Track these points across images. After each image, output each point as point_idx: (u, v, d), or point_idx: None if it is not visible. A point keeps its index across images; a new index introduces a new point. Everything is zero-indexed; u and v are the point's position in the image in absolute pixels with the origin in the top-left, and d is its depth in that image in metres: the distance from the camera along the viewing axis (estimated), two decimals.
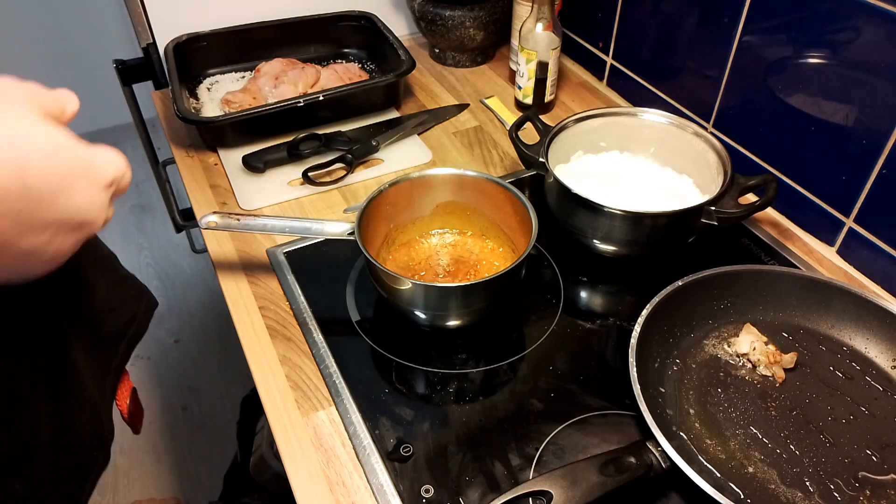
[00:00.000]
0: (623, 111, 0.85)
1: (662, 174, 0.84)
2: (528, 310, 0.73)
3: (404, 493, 0.56)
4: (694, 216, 0.71)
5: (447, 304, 0.66)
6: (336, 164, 0.91)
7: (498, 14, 1.11)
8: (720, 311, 0.69)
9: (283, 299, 0.74)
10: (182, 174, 0.93)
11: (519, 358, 0.68)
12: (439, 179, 0.75)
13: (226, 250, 0.80)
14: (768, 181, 0.73)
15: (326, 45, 1.15)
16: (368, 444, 0.59)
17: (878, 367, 0.65)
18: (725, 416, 0.62)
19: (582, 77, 1.16)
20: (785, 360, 0.65)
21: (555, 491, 0.50)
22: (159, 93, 1.10)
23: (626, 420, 0.62)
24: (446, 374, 0.66)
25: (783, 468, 0.57)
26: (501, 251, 0.76)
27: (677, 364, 0.66)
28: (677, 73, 0.96)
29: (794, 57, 0.77)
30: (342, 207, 0.87)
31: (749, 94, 0.84)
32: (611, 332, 0.71)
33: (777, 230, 0.84)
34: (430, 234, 0.79)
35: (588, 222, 0.74)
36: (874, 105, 0.70)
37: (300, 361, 0.67)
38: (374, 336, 0.70)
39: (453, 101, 1.09)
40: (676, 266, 0.71)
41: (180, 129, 1.00)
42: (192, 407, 1.66)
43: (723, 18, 0.84)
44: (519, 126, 0.83)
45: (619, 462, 0.53)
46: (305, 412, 0.63)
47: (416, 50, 1.23)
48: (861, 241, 0.76)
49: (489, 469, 0.58)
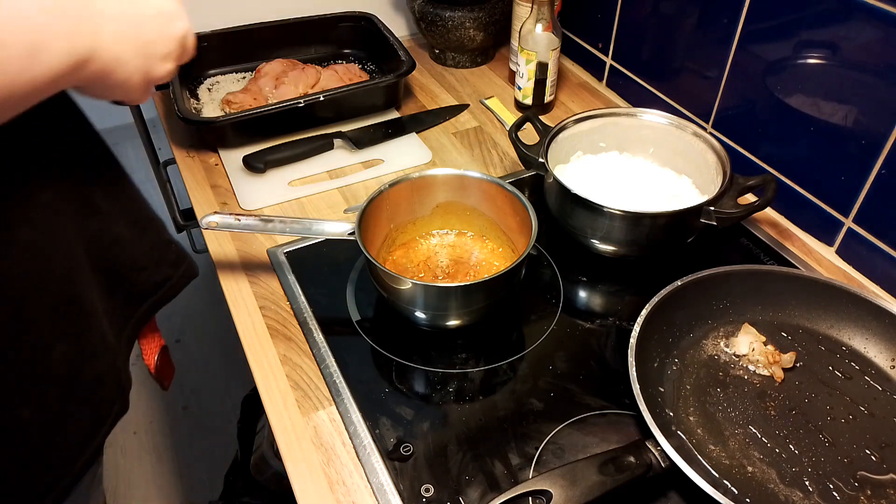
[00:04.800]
0: (622, 111, 0.85)
1: (662, 174, 0.84)
2: (528, 310, 0.73)
3: (404, 493, 0.56)
4: (693, 216, 0.72)
5: (447, 304, 0.66)
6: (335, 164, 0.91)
7: (498, 15, 1.11)
8: (719, 310, 0.70)
9: (284, 299, 0.74)
10: (183, 174, 0.93)
11: (519, 358, 0.68)
12: (439, 180, 0.75)
13: (226, 250, 0.80)
14: (767, 181, 0.73)
15: (327, 45, 1.15)
16: (369, 443, 0.60)
17: (877, 367, 0.65)
18: (725, 415, 0.62)
19: (581, 77, 1.16)
20: (784, 359, 0.65)
21: (554, 490, 0.51)
22: (160, 93, 1.10)
23: (625, 420, 0.62)
24: (446, 373, 0.66)
25: (782, 468, 0.57)
26: (501, 251, 0.77)
27: (676, 364, 0.66)
28: (677, 74, 0.96)
29: (794, 57, 0.77)
30: (342, 207, 0.87)
31: (748, 94, 0.85)
32: (610, 332, 0.71)
33: (776, 230, 0.84)
34: (430, 234, 0.79)
35: (587, 222, 0.74)
36: (873, 105, 0.70)
37: (301, 361, 0.67)
38: (375, 336, 0.70)
39: (453, 102, 1.09)
40: (676, 266, 0.71)
41: (181, 130, 1.00)
42: (193, 406, 1.66)
43: (722, 19, 0.85)
44: (519, 126, 0.83)
45: (619, 461, 0.53)
46: (306, 412, 0.63)
47: (416, 50, 1.23)
48: (860, 242, 0.76)
49: (489, 468, 0.58)
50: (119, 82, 0.47)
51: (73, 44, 0.41)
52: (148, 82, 0.51)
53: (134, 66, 0.48)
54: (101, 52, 0.44)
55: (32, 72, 0.39)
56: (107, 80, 0.46)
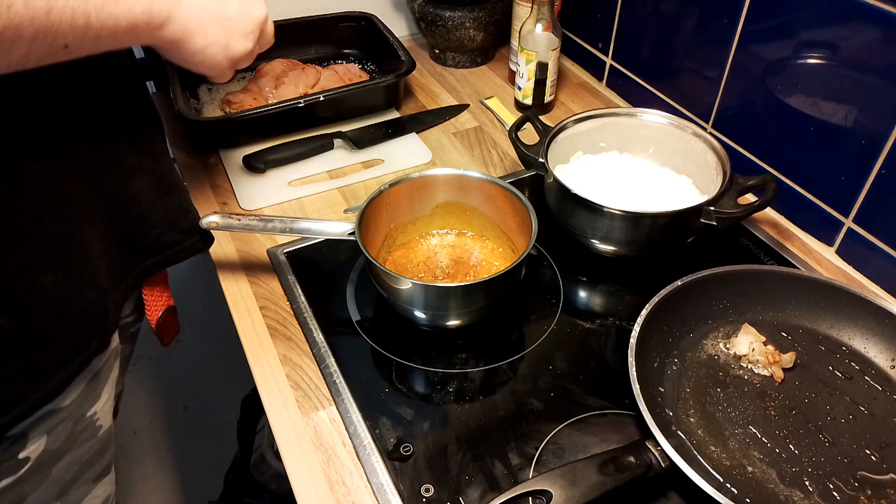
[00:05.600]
0: (622, 111, 0.85)
1: (662, 174, 0.84)
2: (528, 310, 0.73)
3: (404, 493, 0.56)
4: (693, 216, 0.72)
5: (447, 304, 0.66)
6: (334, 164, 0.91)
7: (498, 15, 1.11)
8: (719, 310, 0.70)
9: (284, 299, 0.74)
10: (183, 174, 0.93)
11: (519, 358, 0.68)
12: (439, 180, 0.75)
13: (226, 250, 0.80)
14: (767, 181, 0.73)
15: (327, 45, 1.15)
16: (369, 443, 0.60)
17: (877, 367, 0.65)
18: (724, 415, 0.62)
19: (581, 77, 1.16)
20: (784, 359, 0.65)
21: (554, 490, 0.51)
22: (160, 93, 1.10)
23: (625, 419, 0.62)
24: (446, 373, 0.66)
25: (782, 467, 0.57)
26: (501, 251, 0.77)
27: (676, 364, 0.66)
28: (677, 74, 0.96)
29: (794, 57, 0.77)
30: (342, 207, 0.87)
31: (748, 94, 0.85)
32: (610, 332, 0.71)
33: (776, 230, 0.84)
34: (429, 234, 0.79)
35: (587, 222, 0.74)
36: (873, 105, 0.70)
37: (301, 361, 0.67)
38: (375, 336, 0.70)
39: (453, 102, 1.09)
40: (676, 266, 0.71)
41: (181, 130, 1.00)
42: (193, 406, 1.66)
43: (722, 19, 0.85)
44: (519, 126, 0.83)
45: (619, 461, 0.53)
46: (306, 412, 0.63)
47: (416, 50, 1.23)
48: (860, 241, 0.76)
49: (489, 468, 0.58)
50: (197, 50, 0.54)
51: (151, 1, 0.47)
52: (229, 59, 0.57)
53: (213, 37, 0.54)
54: (179, 17, 0.50)
55: (112, 9, 0.44)
56: (185, 46, 0.52)
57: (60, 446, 0.57)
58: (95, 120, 0.56)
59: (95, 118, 0.56)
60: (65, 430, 0.57)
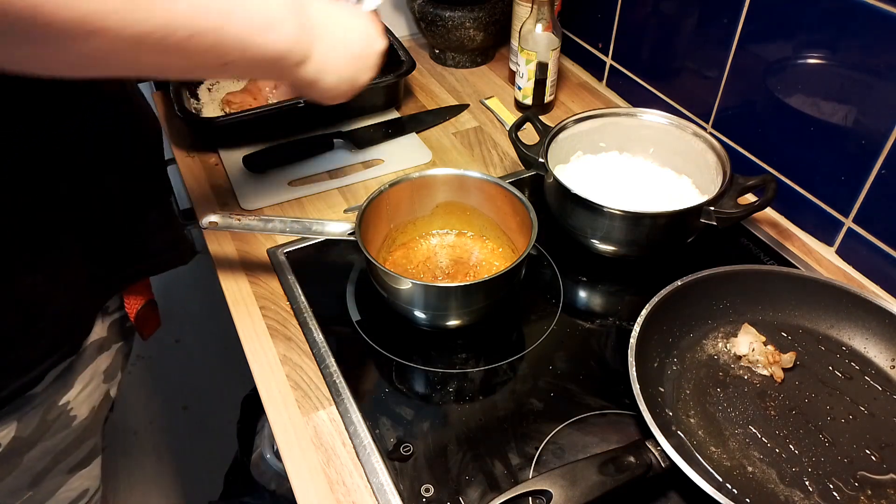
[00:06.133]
0: (622, 111, 0.85)
1: (662, 174, 0.84)
2: (528, 310, 0.73)
3: (404, 493, 0.56)
4: (693, 216, 0.72)
5: (447, 304, 0.66)
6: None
7: (498, 15, 1.11)
8: (719, 310, 0.70)
9: (284, 299, 0.74)
10: (183, 174, 0.93)
11: (518, 358, 0.68)
12: (439, 180, 0.75)
13: (226, 250, 0.80)
14: (767, 181, 0.73)
15: None
16: (369, 443, 0.60)
17: (877, 367, 0.65)
18: (724, 415, 0.62)
19: (581, 77, 1.16)
20: (784, 359, 0.65)
21: (554, 490, 0.51)
22: (160, 93, 1.10)
23: (625, 419, 0.62)
24: (446, 373, 0.66)
25: (782, 467, 0.57)
26: (501, 251, 0.77)
27: (676, 364, 0.66)
28: (677, 74, 0.96)
29: (794, 57, 0.77)
30: (342, 207, 0.87)
31: (748, 94, 0.85)
32: (610, 332, 0.71)
33: (776, 230, 0.84)
34: (429, 234, 0.79)
35: (587, 222, 0.74)
36: (873, 105, 0.70)
37: (300, 361, 0.67)
38: (375, 336, 0.70)
39: (453, 102, 1.09)
40: (676, 266, 0.71)
41: (181, 130, 1.00)
42: (193, 406, 1.66)
43: (722, 19, 0.84)
44: (519, 126, 0.83)
45: (619, 461, 0.53)
46: (306, 412, 0.63)
47: (415, 50, 1.23)
48: (860, 242, 0.76)
49: (489, 468, 0.58)
50: (330, 87, 0.58)
51: (297, 40, 0.50)
52: (355, 90, 0.62)
53: (344, 74, 0.58)
54: (315, 58, 0.53)
55: (261, 41, 0.46)
56: (316, 84, 0.57)
57: (32, 433, 0.58)
58: (92, 122, 0.56)
59: (95, 118, 0.56)
60: (35, 416, 0.58)
